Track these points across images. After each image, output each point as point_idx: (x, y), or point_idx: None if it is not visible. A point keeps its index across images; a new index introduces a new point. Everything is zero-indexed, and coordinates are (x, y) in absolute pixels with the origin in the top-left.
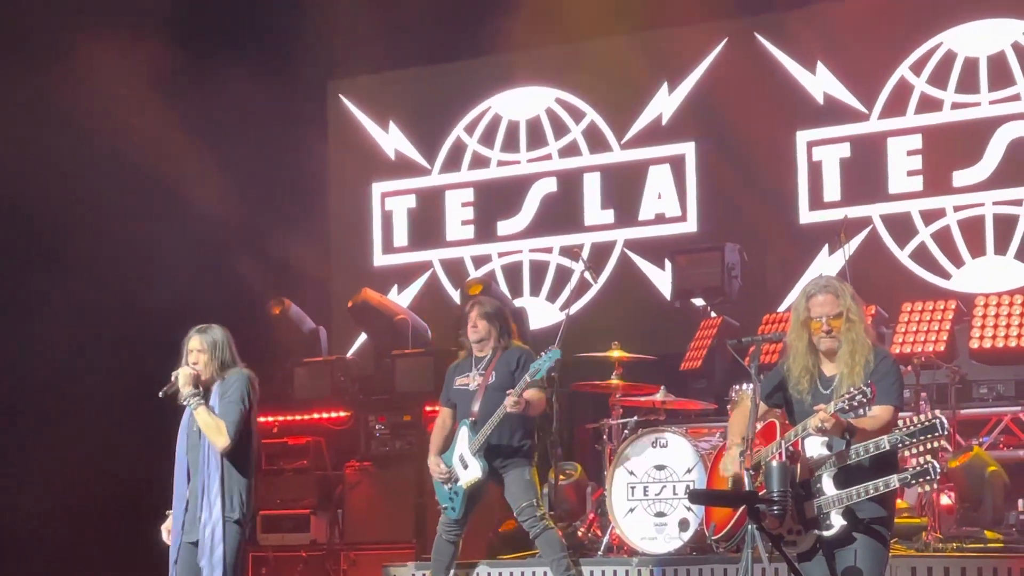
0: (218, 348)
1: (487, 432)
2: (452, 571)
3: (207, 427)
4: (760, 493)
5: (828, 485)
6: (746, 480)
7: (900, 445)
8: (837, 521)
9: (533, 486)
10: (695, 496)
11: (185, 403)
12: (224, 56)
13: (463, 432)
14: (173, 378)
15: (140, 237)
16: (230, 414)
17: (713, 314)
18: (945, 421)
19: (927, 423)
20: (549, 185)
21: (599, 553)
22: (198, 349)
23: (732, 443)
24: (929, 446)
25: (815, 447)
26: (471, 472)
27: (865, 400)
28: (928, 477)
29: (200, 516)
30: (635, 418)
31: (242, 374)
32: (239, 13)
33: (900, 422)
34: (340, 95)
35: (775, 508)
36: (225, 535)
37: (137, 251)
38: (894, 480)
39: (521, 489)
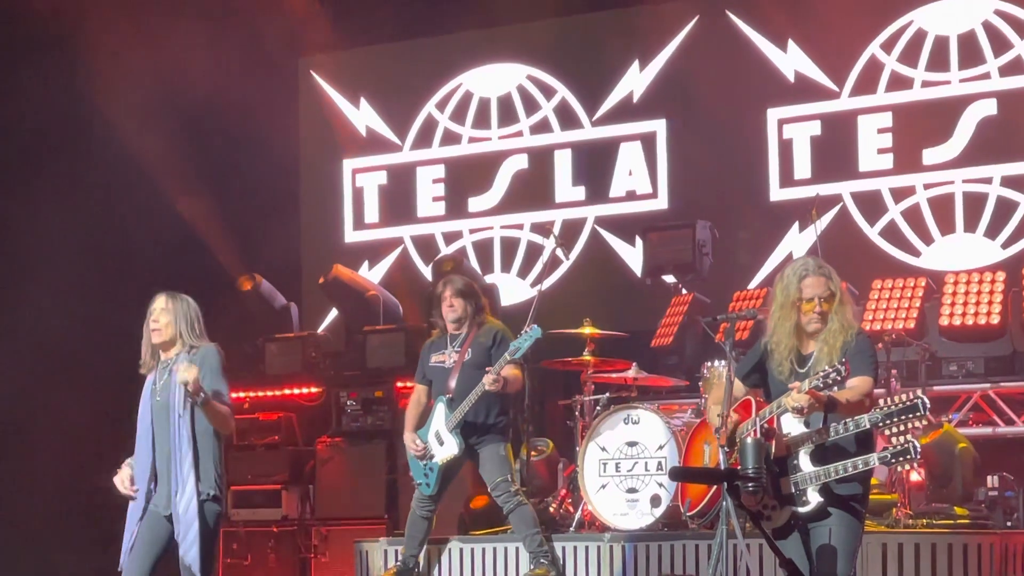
0: (182, 309)
1: (464, 410)
2: (425, 547)
3: (218, 418)
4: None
5: (805, 462)
6: (721, 456)
7: (880, 424)
8: (814, 498)
9: (507, 462)
10: (676, 474)
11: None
12: (194, 32)
13: (439, 409)
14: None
15: (112, 212)
16: (225, 395)
17: (684, 291)
18: (927, 401)
19: (909, 403)
20: (520, 162)
21: (571, 529)
22: (162, 307)
23: (711, 408)
24: (908, 425)
25: (792, 424)
26: (447, 449)
27: (839, 377)
28: (908, 456)
29: (175, 492)
30: (607, 395)
31: (212, 347)
32: None
33: (881, 400)
34: (311, 71)
35: (750, 485)
36: (202, 512)
37: (109, 227)
38: (874, 459)
39: (496, 465)
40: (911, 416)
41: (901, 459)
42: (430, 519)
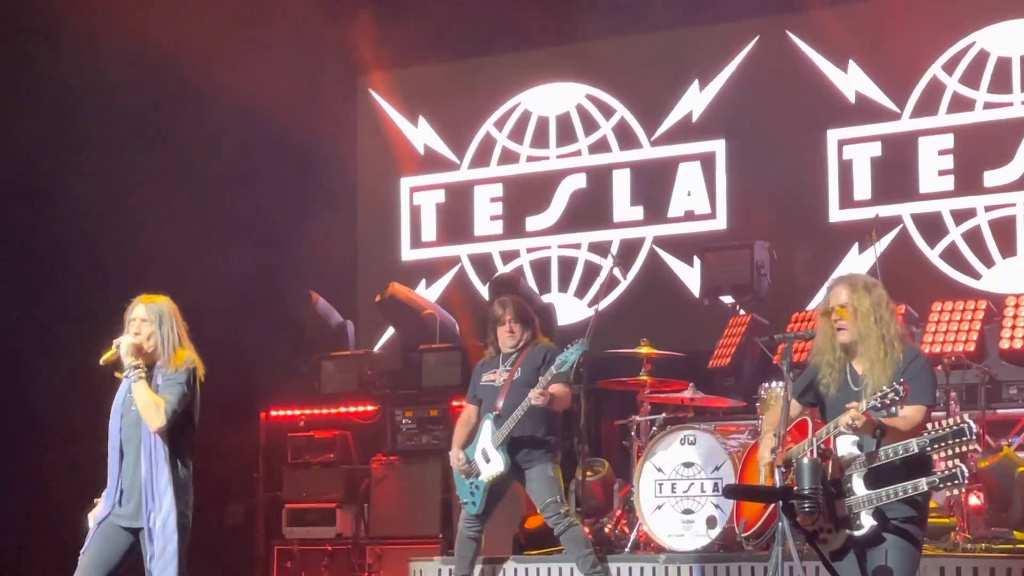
0: (164, 319)
1: (511, 425)
2: (477, 567)
3: (144, 404)
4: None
5: (858, 485)
6: (776, 476)
7: (928, 448)
8: (867, 521)
9: (556, 482)
10: (730, 491)
11: (125, 375)
12: (254, 51)
13: (486, 426)
14: (115, 346)
15: (169, 231)
16: (172, 396)
17: (742, 312)
18: (974, 425)
19: (955, 427)
20: (578, 181)
21: (626, 550)
22: (142, 318)
23: (766, 432)
24: (958, 450)
25: (846, 446)
26: (493, 466)
27: (898, 398)
28: (956, 481)
29: (148, 506)
30: (663, 415)
31: (188, 360)
32: (270, 7)
33: (929, 424)
34: (370, 89)
35: (806, 505)
36: (179, 527)
37: (167, 247)
38: (923, 483)
39: (544, 486)
40: (958, 440)
41: (948, 484)
42: (478, 539)
